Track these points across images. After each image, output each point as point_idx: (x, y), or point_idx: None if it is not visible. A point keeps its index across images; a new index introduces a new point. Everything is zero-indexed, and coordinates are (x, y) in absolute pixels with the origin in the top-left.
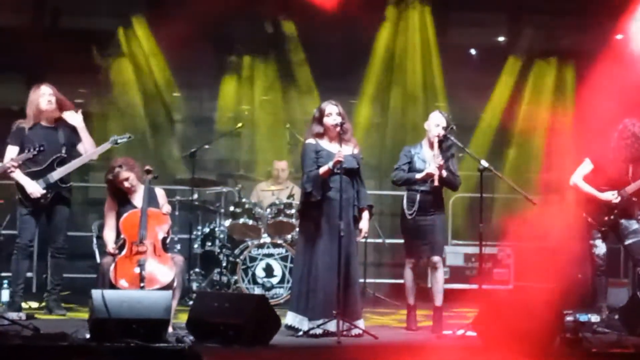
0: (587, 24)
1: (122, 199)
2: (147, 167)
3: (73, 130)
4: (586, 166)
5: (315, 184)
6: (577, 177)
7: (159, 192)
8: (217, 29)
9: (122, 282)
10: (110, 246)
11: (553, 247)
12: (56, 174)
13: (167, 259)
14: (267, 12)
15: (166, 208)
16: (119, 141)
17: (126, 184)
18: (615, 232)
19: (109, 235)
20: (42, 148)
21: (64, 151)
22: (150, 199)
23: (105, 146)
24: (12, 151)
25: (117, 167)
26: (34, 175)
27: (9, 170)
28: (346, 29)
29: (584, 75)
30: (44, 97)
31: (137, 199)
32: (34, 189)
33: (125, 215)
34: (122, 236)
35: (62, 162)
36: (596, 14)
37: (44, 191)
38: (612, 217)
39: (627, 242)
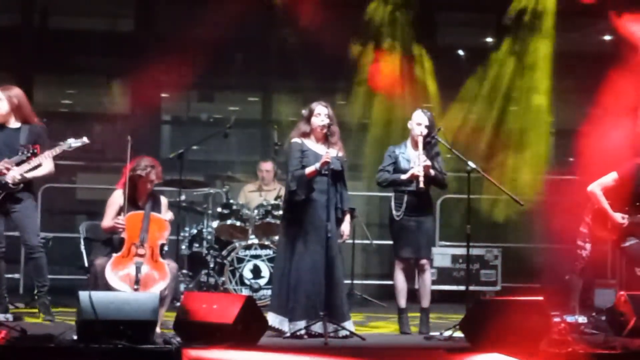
0: (575, 23)
1: (130, 198)
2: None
3: (39, 135)
4: (610, 178)
5: (300, 183)
6: (596, 187)
7: (163, 200)
8: (205, 29)
9: (116, 282)
10: (113, 220)
11: (540, 248)
12: (8, 176)
13: (163, 267)
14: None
15: (169, 215)
16: (72, 145)
17: (149, 186)
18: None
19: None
20: (34, 151)
21: (20, 152)
22: (154, 204)
23: (57, 150)
24: None
25: (150, 166)
26: None
27: (1, 174)
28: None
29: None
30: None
31: (142, 202)
32: None
33: (128, 214)
34: (122, 235)
35: (19, 163)
36: (584, 15)
37: None
38: (611, 235)
39: (625, 244)
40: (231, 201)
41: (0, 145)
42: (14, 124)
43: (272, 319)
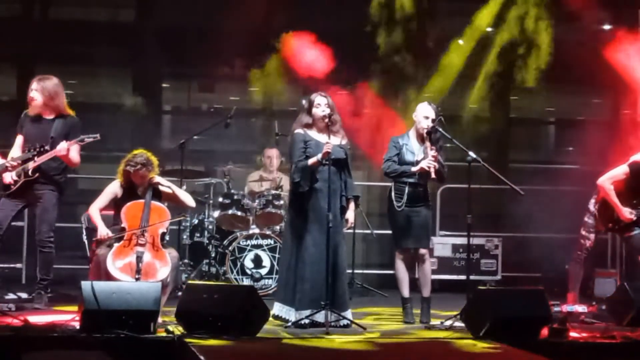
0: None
1: (128, 189)
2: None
3: (70, 128)
4: (620, 172)
5: (304, 174)
6: (606, 181)
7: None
8: (206, 19)
9: (117, 271)
10: (104, 230)
11: (540, 238)
12: (30, 165)
13: (164, 255)
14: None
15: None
16: (85, 140)
17: (140, 180)
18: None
19: (97, 214)
20: (42, 149)
21: (48, 146)
22: (155, 193)
23: (72, 143)
24: (18, 140)
25: (141, 164)
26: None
27: (8, 170)
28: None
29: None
30: (30, 92)
31: (142, 191)
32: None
33: (129, 204)
34: (122, 224)
35: (25, 160)
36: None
37: (16, 178)
38: (617, 227)
39: (630, 233)
40: (232, 191)
41: (34, 136)
42: (48, 115)
43: (279, 309)
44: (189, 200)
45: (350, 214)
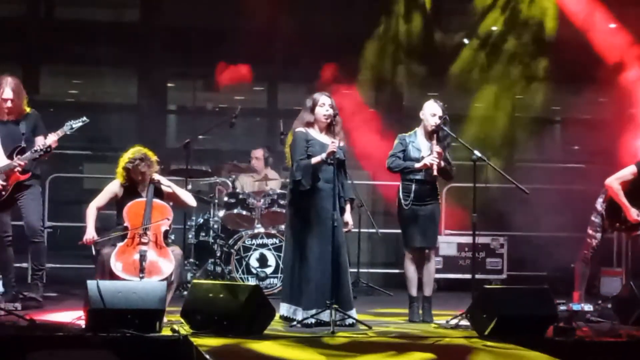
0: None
1: (129, 188)
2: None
3: (36, 122)
4: (628, 172)
5: (306, 173)
6: (614, 181)
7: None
8: (210, 19)
9: (121, 271)
10: (90, 234)
11: (546, 237)
12: (16, 164)
13: (167, 252)
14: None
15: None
16: (74, 126)
17: (140, 177)
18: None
19: (92, 214)
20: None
21: (23, 143)
22: (157, 191)
23: (59, 133)
24: None
25: (139, 159)
26: None
27: (16, 170)
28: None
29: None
30: (2, 93)
31: (143, 189)
32: None
33: (130, 203)
34: (125, 223)
35: (21, 152)
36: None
37: (4, 183)
38: (624, 226)
39: (637, 233)
40: (237, 190)
41: (7, 138)
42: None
43: (286, 309)
44: (189, 199)
45: (348, 217)
